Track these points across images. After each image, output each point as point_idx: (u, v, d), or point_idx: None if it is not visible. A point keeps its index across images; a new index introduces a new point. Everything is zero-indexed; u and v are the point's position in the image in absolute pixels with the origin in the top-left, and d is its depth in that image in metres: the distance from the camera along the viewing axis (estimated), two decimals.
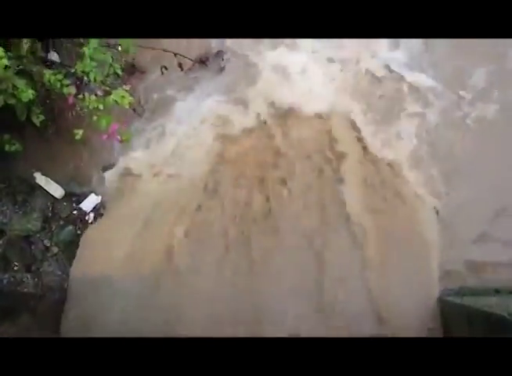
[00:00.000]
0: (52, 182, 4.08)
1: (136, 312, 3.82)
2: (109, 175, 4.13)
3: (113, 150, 4.13)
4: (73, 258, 3.97)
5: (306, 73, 4.27)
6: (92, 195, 4.11)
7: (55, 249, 4.01)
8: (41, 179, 4.07)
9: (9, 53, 3.15)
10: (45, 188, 4.06)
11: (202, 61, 4.29)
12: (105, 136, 3.58)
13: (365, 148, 4.12)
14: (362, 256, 3.91)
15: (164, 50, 4.05)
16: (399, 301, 3.83)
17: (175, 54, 4.12)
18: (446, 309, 3.79)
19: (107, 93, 3.44)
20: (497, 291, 3.79)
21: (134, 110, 4.02)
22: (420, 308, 3.85)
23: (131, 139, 3.90)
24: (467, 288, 3.84)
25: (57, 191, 4.09)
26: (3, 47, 3.08)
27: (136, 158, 4.14)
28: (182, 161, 4.12)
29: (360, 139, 4.14)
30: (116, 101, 3.38)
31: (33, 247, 4.00)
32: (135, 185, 4.11)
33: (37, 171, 4.08)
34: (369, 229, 3.94)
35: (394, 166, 4.10)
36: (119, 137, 3.70)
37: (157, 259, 3.91)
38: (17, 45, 3.36)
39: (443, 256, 3.91)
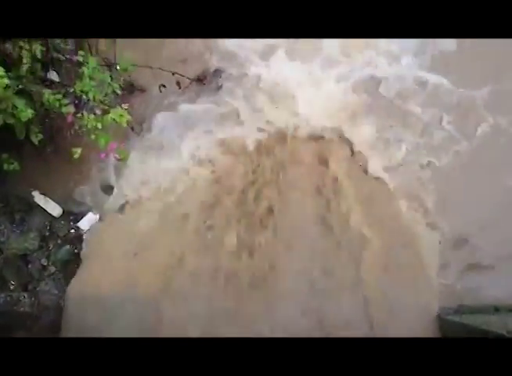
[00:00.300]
0: (50, 200, 4.08)
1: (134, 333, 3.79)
2: (107, 194, 4.14)
3: (112, 169, 4.14)
4: (71, 277, 3.93)
5: (304, 91, 4.33)
6: (90, 214, 4.11)
7: (52, 268, 3.99)
8: (39, 198, 4.07)
9: (9, 73, 3.19)
10: (43, 207, 4.05)
11: (199, 79, 4.33)
12: (103, 155, 3.61)
13: (363, 169, 4.17)
14: (361, 276, 3.90)
15: (162, 69, 4.09)
16: (398, 318, 3.81)
17: (173, 73, 4.16)
18: (445, 326, 3.77)
19: (106, 112, 3.47)
20: (496, 309, 3.78)
21: (132, 128, 4.05)
22: (419, 326, 3.82)
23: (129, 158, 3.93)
24: (466, 306, 3.83)
25: (55, 210, 4.08)
26: (3, 67, 3.11)
27: (134, 177, 4.15)
28: (180, 181, 4.14)
29: (358, 160, 4.18)
30: (114, 119, 3.42)
31: (30, 266, 3.98)
32: (133, 204, 4.11)
33: (36, 189, 4.07)
34: (367, 249, 3.95)
35: (392, 187, 4.13)
36: (117, 155, 3.73)
37: (155, 279, 3.89)
38: (17, 64, 3.39)
39: (442, 275, 3.91)
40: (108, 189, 4.14)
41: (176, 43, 4.37)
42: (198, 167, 4.17)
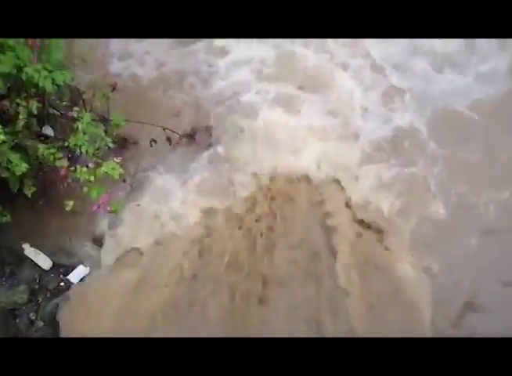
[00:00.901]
0: (40, 253, 4.09)
1: None
2: (99, 246, 4.16)
3: (104, 221, 4.19)
4: (59, 331, 3.85)
5: (294, 134, 4.50)
6: (81, 266, 4.10)
7: (40, 323, 3.93)
8: (29, 251, 4.08)
9: (5, 129, 3.29)
10: (33, 259, 4.06)
11: (190, 136, 4.46)
12: (95, 207, 3.65)
13: (354, 214, 4.23)
14: (352, 322, 3.86)
15: (153, 124, 4.23)
16: None
17: (164, 129, 4.29)
18: None
19: (98, 165, 3.55)
20: None
21: (124, 180, 4.12)
22: None
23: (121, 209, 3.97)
24: None
25: (45, 263, 4.08)
26: (0, 123, 3.22)
27: (127, 226, 4.19)
28: (171, 229, 4.17)
29: (349, 205, 4.25)
30: (107, 172, 3.50)
31: (17, 321, 3.93)
32: (125, 256, 4.12)
33: (27, 241, 4.09)
34: (358, 295, 3.95)
35: (383, 232, 4.17)
36: (108, 208, 3.78)
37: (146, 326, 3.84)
38: (14, 120, 3.50)
39: (435, 321, 3.88)
40: (100, 241, 4.16)
41: (168, 98, 4.58)
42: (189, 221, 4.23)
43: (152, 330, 3.78)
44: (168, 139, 4.37)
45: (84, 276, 4.08)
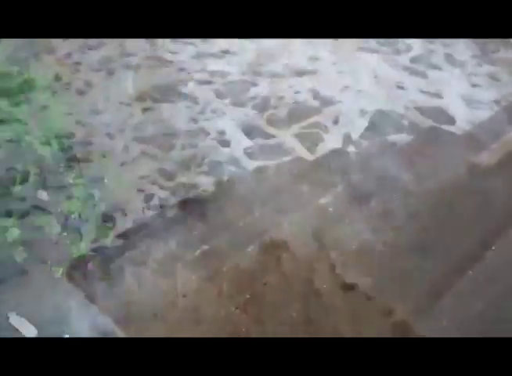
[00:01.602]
0: (26, 322, 3.95)
1: None
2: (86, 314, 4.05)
3: (94, 286, 4.11)
4: None
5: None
6: (67, 336, 3.99)
7: None
8: (14, 319, 3.97)
9: None
10: (18, 328, 3.94)
11: (182, 206, 4.55)
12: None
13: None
14: None
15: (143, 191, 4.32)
16: None
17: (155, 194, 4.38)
18: None
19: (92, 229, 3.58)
20: None
21: None
22: None
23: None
24: None
25: (29, 332, 3.96)
26: None
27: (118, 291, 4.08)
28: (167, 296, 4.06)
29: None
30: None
31: None
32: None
33: (13, 310, 3.99)
34: None
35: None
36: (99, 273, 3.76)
37: None
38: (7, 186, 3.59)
39: None
40: (89, 308, 4.07)
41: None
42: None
43: None
44: (161, 207, 4.44)
45: None
